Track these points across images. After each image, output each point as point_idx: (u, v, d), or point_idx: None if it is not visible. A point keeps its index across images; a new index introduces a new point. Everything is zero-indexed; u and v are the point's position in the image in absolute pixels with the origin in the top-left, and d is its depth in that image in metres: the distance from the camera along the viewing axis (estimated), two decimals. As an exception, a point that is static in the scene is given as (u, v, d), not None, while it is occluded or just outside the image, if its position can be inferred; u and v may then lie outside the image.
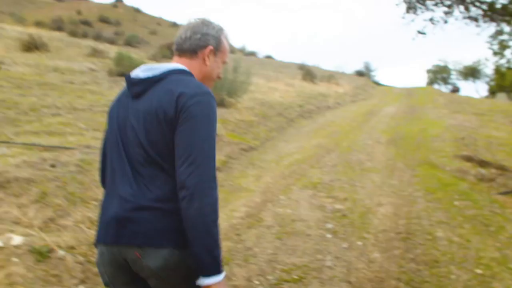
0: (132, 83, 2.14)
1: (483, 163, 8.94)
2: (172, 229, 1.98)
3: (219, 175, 7.67)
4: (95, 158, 6.51)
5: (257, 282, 4.36)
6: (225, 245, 5.07)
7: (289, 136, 12.55)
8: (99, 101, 10.89)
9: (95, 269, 4.42)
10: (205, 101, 2.01)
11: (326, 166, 8.62)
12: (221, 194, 6.89)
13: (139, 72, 2.16)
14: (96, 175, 6.26)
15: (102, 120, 8.91)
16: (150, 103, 2.04)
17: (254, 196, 6.82)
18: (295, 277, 4.48)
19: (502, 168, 8.58)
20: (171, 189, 1.99)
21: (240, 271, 4.56)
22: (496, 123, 14.71)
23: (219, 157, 8.56)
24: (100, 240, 2.09)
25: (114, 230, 2.01)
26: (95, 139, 7.81)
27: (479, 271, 4.62)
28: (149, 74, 2.12)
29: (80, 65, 15.52)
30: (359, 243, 5.32)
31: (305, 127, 14.06)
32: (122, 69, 14.52)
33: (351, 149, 10.29)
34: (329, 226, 5.73)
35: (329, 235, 5.47)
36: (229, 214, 6.04)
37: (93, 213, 5.53)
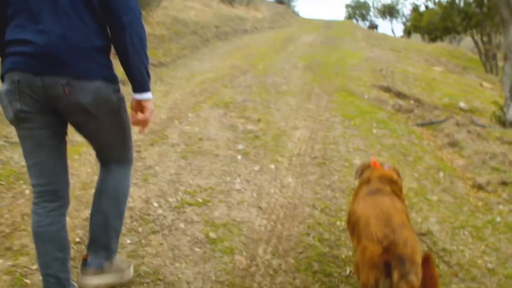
0: None
1: (400, 95, 8.77)
2: (101, 63, 2.22)
3: (123, 89, 6.89)
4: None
5: (156, 205, 3.79)
6: (123, 163, 4.43)
7: (203, 55, 11.84)
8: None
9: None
10: None
11: (240, 86, 8.04)
12: (123, 109, 6.19)
13: None
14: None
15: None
16: None
17: (159, 112, 6.14)
18: (200, 200, 3.96)
19: (418, 101, 8.43)
20: (100, 26, 2.20)
21: (137, 191, 3.96)
22: (412, 60, 14.75)
23: (124, 69, 7.72)
24: (20, 68, 2.11)
25: (43, 61, 2.08)
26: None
27: (397, 200, 4.32)
28: None
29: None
30: (272, 166, 4.87)
31: (220, 48, 13.36)
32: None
33: (266, 71, 9.75)
34: (240, 147, 5.21)
35: (239, 157, 4.97)
36: (130, 130, 5.34)
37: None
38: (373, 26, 39.62)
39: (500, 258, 3.70)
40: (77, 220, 3.39)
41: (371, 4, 53.09)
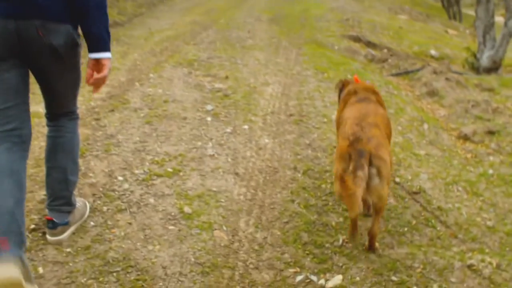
0: None
1: (370, 44, 8.45)
2: (69, 7, 2.20)
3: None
4: None
5: (121, 178, 3.38)
6: (81, 133, 3.96)
7: (160, 13, 11.29)
8: None
9: None
10: None
11: (203, 43, 7.55)
12: (78, 73, 5.66)
13: None
14: None
15: None
16: None
17: (118, 75, 5.65)
18: (169, 169, 3.56)
19: (390, 50, 8.13)
20: None
21: (99, 164, 3.54)
22: (376, 9, 14.41)
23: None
24: None
25: (17, 3, 2.07)
26: None
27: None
28: None
29: None
30: (245, 127, 4.48)
31: (178, 5, 12.80)
32: None
33: (230, 26, 9.26)
34: (209, 107, 4.80)
35: (209, 118, 4.56)
36: (86, 96, 4.82)
37: None
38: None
39: (498, 214, 3.47)
40: (32, 203, 2.96)
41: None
